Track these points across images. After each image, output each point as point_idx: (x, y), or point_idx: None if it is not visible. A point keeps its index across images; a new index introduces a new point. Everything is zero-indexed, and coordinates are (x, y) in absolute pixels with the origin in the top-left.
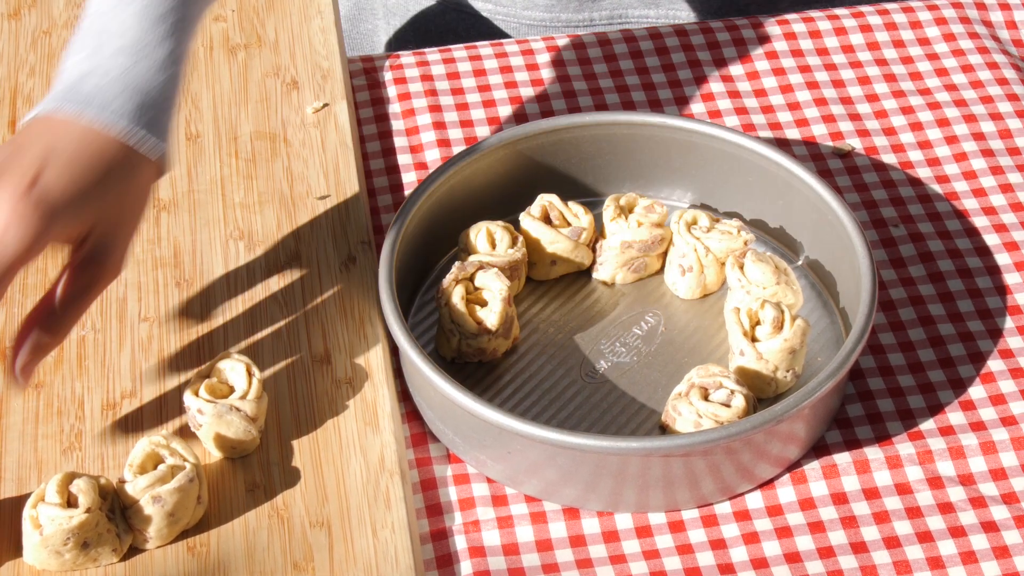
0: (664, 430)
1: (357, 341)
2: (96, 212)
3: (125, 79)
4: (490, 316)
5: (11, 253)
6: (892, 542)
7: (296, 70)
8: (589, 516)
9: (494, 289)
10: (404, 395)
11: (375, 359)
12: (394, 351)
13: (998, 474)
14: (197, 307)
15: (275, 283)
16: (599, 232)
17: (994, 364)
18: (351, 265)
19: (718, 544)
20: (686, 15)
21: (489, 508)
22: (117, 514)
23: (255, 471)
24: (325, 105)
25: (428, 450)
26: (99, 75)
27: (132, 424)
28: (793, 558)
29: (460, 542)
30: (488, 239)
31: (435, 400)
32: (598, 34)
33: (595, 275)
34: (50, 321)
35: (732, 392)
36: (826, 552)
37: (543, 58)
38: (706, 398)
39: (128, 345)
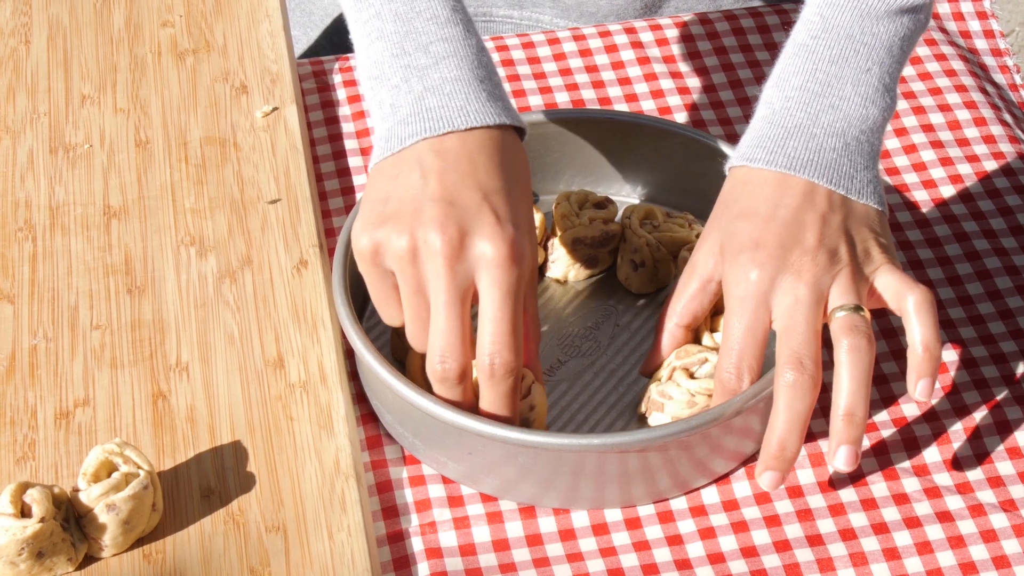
0: (642, 420)
1: (310, 345)
2: None
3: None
4: None
5: None
6: (848, 534)
7: (245, 74)
8: (545, 515)
9: None
10: (359, 398)
11: (329, 362)
12: (348, 354)
13: (952, 464)
14: (149, 314)
15: (227, 288)
16: (550, 230)
17: (946, 355)
18: (303, 269)
19: (674, 540)
20: (548, 19)
21: (445, 509)
22: (72, 523)
23: (210, 477)
24: (275, 109)
25: (383, 452)
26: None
27: (85, 432)
28: (749, 552)
29: (417, 544)
30: None
31: (393, 403)
32: (546, 32)
33: (548, 274)
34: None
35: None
36: (782, 545)
37: None
38: (692, 377)
39: (80, 353)
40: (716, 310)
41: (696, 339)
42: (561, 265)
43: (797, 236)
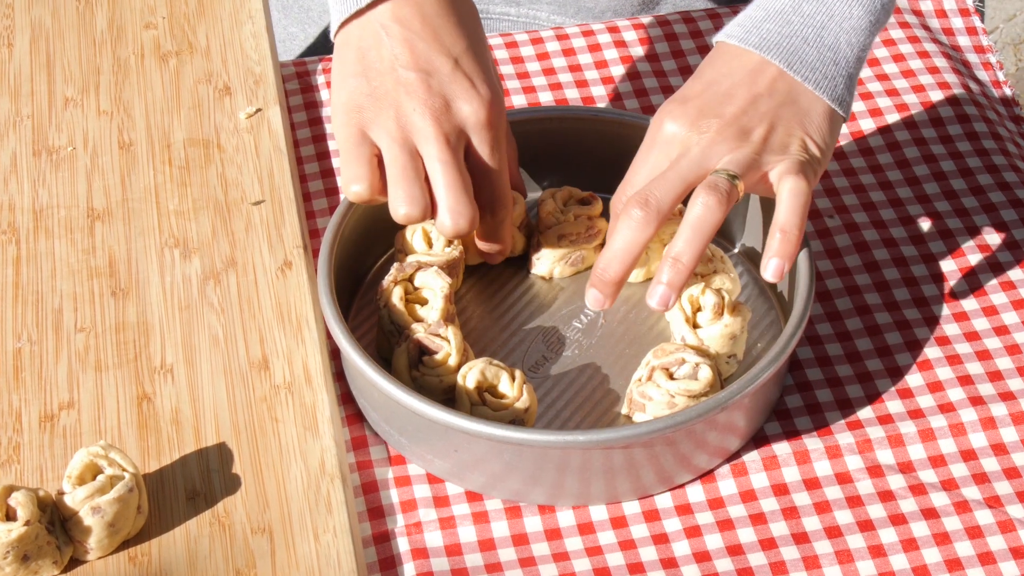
0: (628, 420)
1: (295, 346)
2: None
3: None
4: (431, 313)
5: None
6: (833, 531)
7: (228, 76)
8: (531, 514)
9: (435, 287)
10: (344, 399)
11: (313, 363)
12: (333, 355)
13: (937, 461)
14: (133, 316)
15: (211, 290)
16: (536, 227)
17: (931, 352)
18: (287, 270)
19: (660, 539)
20: (546, 16)
21: (431, 509)
22: (57, 526)
23: (195, 479)
24: (258, 110)
25: (369, 453)
26: None
27: (70, 435)
28: (735, 551)
29: (403, 544)
30: (424, 238)
31: (379, 401)
32: (530, 32)
33: (533, 271)
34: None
35: (696, 364)
36: (768, 544)
37: None
38: (671, 377)
39: (65, 356)
40: (698, 305)
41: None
42: (546, 262)
43: (719, 105)
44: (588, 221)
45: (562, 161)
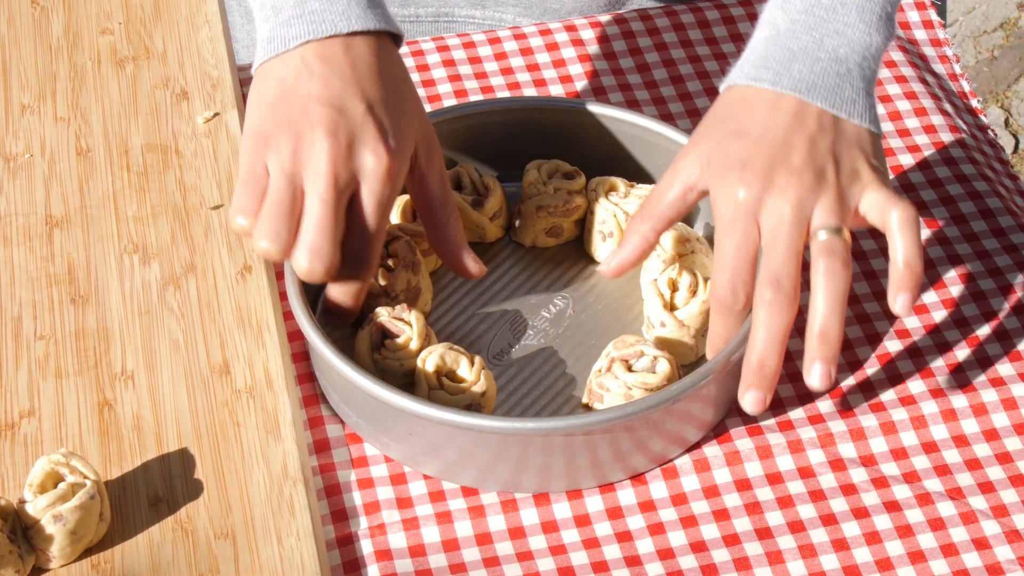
0: (587, 409)
1: (256, 350)
2: None
3: None
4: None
5: None
6: (796, 526)
7: (185, 80)
8: (494, 513)
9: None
10: (306, 402)
11: (274, 367)
12: (294, 358)
13: (899, 454)
14: (93, 322)
15: (171, 295)
16: (519, 199)
17: (891, 345)
18: (247, 274)
19: (624, 536)
20: (511, 18)
21: (394, 511)
22: (19, 535)
23: (157, 485)
24: (216, 115)
25: (331, 456)
26: None
27: (31, 443)
28: (699, 547)
29: (366, 546)
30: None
31: (338, 383)
32: (487, 32)
33: (513, 237)
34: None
35: (655, 358)
36: (731, 540)
37: (433, 58)
38: (630, 369)
39: (25, 364)
40: (675, 286)
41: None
42: (526, 232)
43: (784, 156)
44: (567, 195)
45: (540, 151)
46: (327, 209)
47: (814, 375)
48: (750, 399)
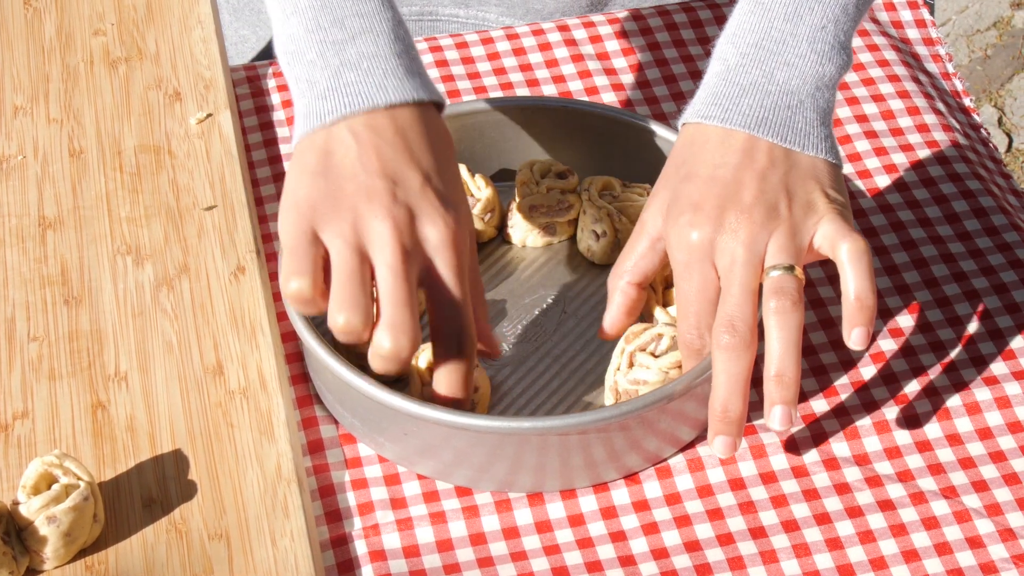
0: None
1: (249, 351)
2: None
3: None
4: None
5: None
6: (790, 525)
7: (178, 81)
8: (489, 514)
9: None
10: (299, 403)
11: (268, 368)
12: (288, 359)
13: (892, 452)
14: (87, 324)
15: (164, 296)
16: (512, 198)
17: (884, 344)
18: (241, 275)
19: (618, 536)
20: (495, 17)
21: (388, 511)
22: (13, 537)
23: (151, 486)
24: (209, 115)
25: (325, 456)
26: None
27: (25, 445)
28: (693, 547)
29: (360, 547)
30: None
31: (333, 383)
32: (480, 32)
33: (506, 237)
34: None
35: (674, 336)
36: (725, 539)
37: (426, 58)
38: (653, 355)
39: (18, 365)
40: (667, 283)
41: (648, 312)
42: (519, 231)
43: (735, 195)
44: (560, 195)
45: (532, 151)
46: (399, 280)
47: (774, 419)
48: (719, 445)
